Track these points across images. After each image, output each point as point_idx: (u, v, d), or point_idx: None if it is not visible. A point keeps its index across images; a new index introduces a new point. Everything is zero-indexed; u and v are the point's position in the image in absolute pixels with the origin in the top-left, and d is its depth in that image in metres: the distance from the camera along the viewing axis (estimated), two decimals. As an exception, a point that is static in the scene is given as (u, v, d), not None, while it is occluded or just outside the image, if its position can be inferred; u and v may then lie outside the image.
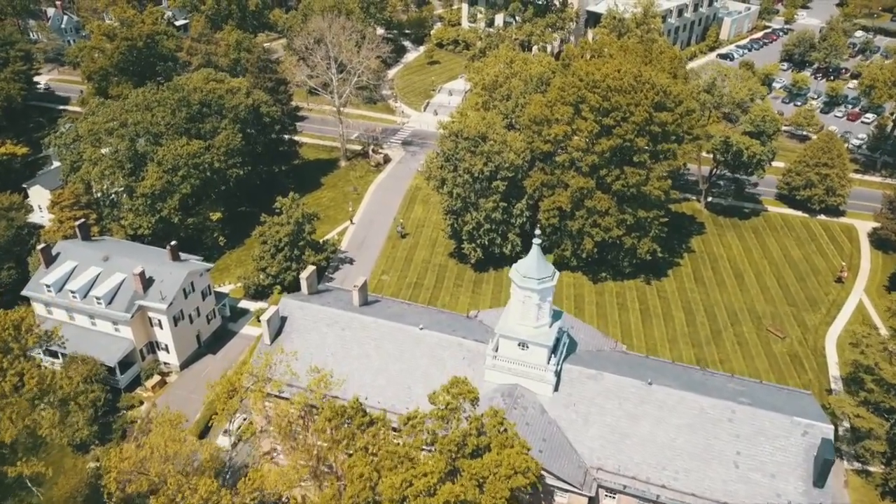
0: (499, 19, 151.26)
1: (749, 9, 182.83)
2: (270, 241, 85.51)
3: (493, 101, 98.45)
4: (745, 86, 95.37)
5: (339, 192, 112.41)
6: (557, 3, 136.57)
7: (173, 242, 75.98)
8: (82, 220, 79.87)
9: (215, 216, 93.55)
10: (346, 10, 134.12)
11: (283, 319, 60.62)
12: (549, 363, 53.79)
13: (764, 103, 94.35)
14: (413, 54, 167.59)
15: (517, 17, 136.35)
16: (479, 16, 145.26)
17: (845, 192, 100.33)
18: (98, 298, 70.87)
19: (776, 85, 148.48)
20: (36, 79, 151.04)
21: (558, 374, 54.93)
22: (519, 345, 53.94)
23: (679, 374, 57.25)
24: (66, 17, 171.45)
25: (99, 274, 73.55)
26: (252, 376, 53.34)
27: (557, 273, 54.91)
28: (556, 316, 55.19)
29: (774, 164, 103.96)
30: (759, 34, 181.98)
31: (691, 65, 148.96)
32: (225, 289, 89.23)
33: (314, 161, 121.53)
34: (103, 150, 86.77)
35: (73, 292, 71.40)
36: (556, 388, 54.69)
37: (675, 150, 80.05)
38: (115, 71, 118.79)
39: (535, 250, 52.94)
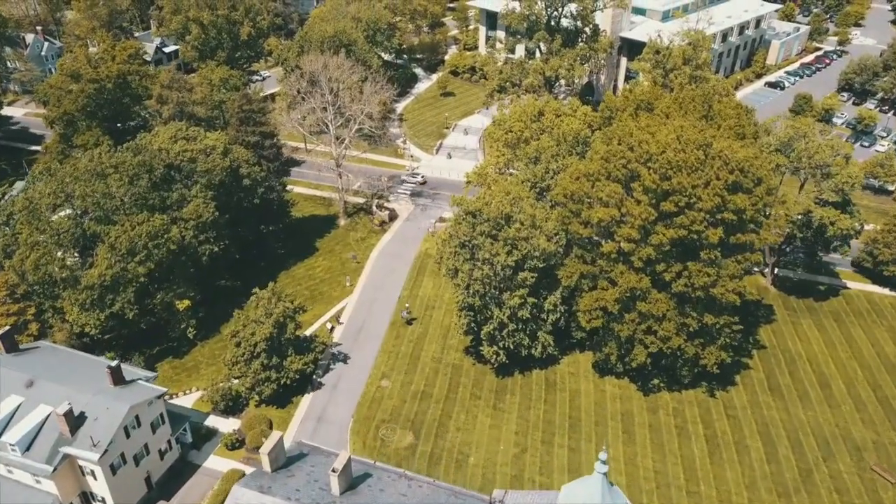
0: (520, 49, 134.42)
1: (798, 29, 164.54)
2: (245, 345, 69.31)
3: (516, 160, 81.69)
4: (828, 143, 77.71)
5: (336, 259, 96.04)
6: (588, 31, 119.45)
7: (114, 363, 59.80)
8: (7, 327, 64.04)
9: (183, 304, 77.44)
10: (347, 41, 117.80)
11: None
12: None
13: (851, 166, 76.55)
14: (425, 83, 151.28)
15: (542, 47, 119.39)
16: (499, 45, 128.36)
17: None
18: (12, 445, 54.92)
19: (837, 121, 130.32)
20: (8, 112, 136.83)
21: None
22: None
23: None
24: (46, 44, 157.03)
25: (19, 406, 57.59)
26: None
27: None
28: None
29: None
30: (810, 57, 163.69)
31: (738, 95, 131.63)
32: (191, 397, 73.25)
33: (309, 218, 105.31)
34: (41, 236, 70.90)
35: (-19, 434, 55.66)
36: None
37: (754, 241, 62.68)
38: (82, 115, 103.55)
39: (598, 484, 35.96)
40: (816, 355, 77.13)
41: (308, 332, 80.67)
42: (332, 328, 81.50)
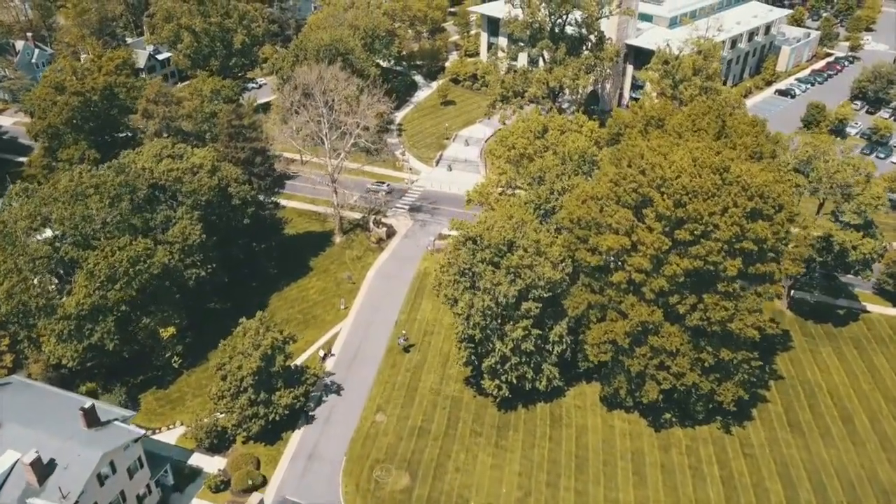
0: (522, 58, 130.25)
1: (808, 35, 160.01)
2: (231, 379, 65.19)
3: (519, 178, 77.52)
4: (848, 161, 73.41)
5: (330, 279, 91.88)
6: (593, 39, 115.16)
7: (88, 404, 55.75)
8: (-24, 363, 60.18)
9: (167, 332, 73.28)
10: (344, 50, 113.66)
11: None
12: None
13: (874, 186, 72.22)
14: (425, 91, 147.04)
15: (545, 56, 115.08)
16: (501, 54, 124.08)
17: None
18: (-26, 497, 51.00)
19: (851, 131, 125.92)
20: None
21: None
22: None
23: None
24: (37, 51, 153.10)
25: (-15, 451, 53.68)
26: None
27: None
28: None
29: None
30: (821, 63, 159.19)
31: (748, 103, 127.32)
32: (174, 433, 69.17)
33: (303, 235, 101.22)
34: (15, 262, 66.82)
35: (-57, 483, 51.62)
36: None
37: (775, 272, 58.41)
38: (68, 128, 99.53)
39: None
40: (837, 386, 72.81)
41: (300, 360, 76.71)
42: (325, 356, 77.34)
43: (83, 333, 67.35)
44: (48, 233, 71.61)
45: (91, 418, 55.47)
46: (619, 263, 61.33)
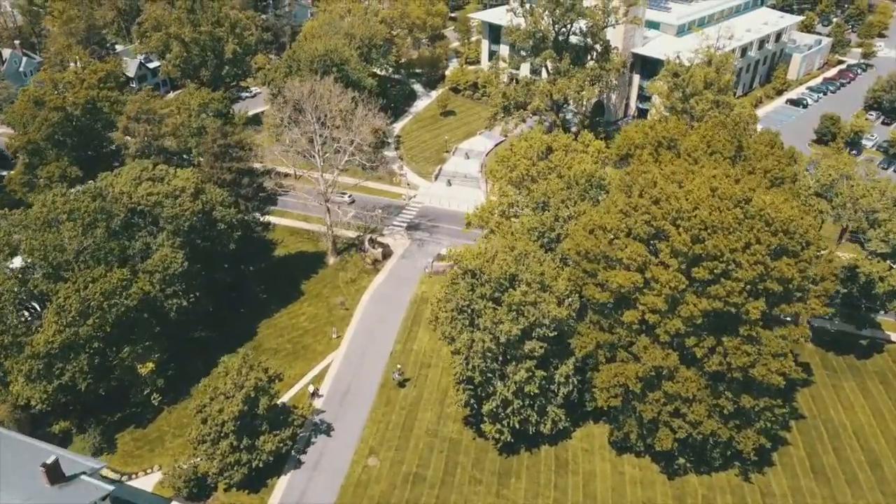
0: (525, 68, 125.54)
1: (820, 42, 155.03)
2: (211, 423, 60.45)
3: (522, 202, 72.71)
4: (875, 187, 68.53)
5: (322, 305, 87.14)
6: (598, 48, 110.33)
7: (52, 458, 51.00)
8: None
9: (146, 368, 68.57)
10: (339, 60, 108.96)
11: None
12: None
13: (903, 212, 67.38)
14: (424, 101, 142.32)
15: (549, 66, 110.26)
16: (503, 64, 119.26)
17: None
18: (-78, 566, 46.31)
19: (867, 143, 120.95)
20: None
21: None
22: None
23: None
24: (24, 59, 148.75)
25: (-63, 512, 49.03)
26: None
27: None
28: None
29: None
30: (833, 71, 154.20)
31: (758, 113, 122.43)
32: (151, 478, 64.50)
33: (295, 255, 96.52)
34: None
35: None
36: None
37: (801, 313, 53.58)
38: (49, 144, 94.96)
39: None
40: (863, 427, 67.91)
41: (288, 396, 72.22)
42: (315, 391, 72.54)
43: (53, 373, 62.69)
44: (17, 262, 67.09)
45: (54, 475, 50.76)
46: (632, 301, 56.42)
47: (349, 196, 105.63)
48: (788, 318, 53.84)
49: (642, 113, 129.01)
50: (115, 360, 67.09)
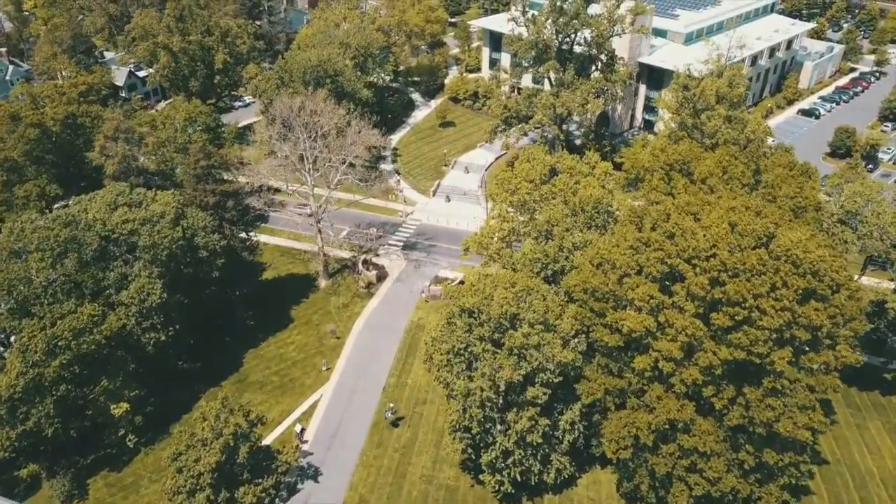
0: (526, 79, 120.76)
1: (832, 49, 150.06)
2: (187, 473, 55.81)
3: (523, 226, 67.95)
4: (903, 215, 63.69)
5: (312, 332, 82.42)
6: (604, 58, 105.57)
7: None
8: None
9: (120, 409, 63.87)
10: (334, 71, 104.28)
11: None
12: None
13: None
14: (423, 111, 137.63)
15: (552, 77, 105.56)
16: (504, 75, 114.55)
17: None
18: None
19: (884, 157, 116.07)
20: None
21: None
22: None
23: None
24: (11, 67, 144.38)
25: None
26: None
27: None
28: None
29: None
30: (845, 80, 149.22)
31: (770, 124, 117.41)
32: (125, 530, 59.91)
33: (285, 278, 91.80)
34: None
35: None
36: None
37: (831, 361, 48.78)
38: (27, 161, 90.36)
39: None
40: (892, 474, 63.03)
41: (274, 435, 67.66)
42: (302, 431, 67.76)
43: (17, 418, 58.07)
44: (-18, 296, 62.54)
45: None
46: (644, 346, 51.66)
47: (309, 207, 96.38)
48: (815, 367, 48.96)
49: (648, 124, 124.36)
50: (88, 399, 62.51)
